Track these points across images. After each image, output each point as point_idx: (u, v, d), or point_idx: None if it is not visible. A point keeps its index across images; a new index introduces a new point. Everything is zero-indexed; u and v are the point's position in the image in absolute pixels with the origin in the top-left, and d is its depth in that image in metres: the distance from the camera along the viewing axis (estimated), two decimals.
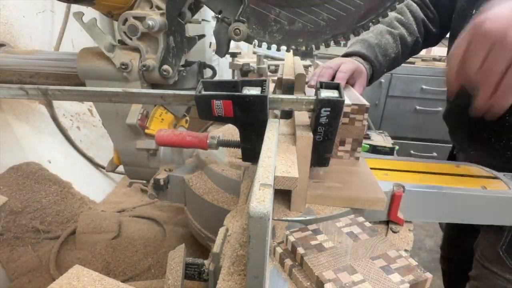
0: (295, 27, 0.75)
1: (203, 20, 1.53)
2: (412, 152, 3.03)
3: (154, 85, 1.00)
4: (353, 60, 0.97)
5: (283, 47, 0.81)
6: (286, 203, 0.66)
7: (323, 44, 0.78)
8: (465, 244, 1.17)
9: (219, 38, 0.83)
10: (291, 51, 0.85)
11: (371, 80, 1.07)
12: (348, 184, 0.70)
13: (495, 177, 0.84)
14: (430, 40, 1.18)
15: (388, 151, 1.25)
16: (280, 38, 0.77)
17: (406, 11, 1.12)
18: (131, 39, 0.91)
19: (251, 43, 0.82)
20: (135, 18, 0.88)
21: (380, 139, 1.43)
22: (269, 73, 1.70)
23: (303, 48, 0.78)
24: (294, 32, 0.76)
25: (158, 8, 0.89)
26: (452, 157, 1.22)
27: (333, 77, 0.92)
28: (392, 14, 1.10)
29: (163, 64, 0.91)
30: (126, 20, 0.89)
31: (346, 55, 1.03)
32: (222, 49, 0.84)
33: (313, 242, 0.52)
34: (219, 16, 0.80)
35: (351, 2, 0.70)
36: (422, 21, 1.13)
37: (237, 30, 0.76)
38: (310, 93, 0.93)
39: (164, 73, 0.92)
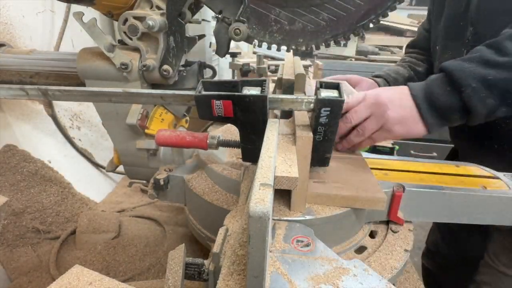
0: (295, 27, 0.75)
1: (203, 20, 1.53)
2: (412, 152, 3.02)
3: (154, 85, 1.00)
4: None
5: (283, 47, 0.81)
6: (286, 203, 0.66)
7: (323, 44, 0.78)
8: (456, 242, 1.19)
9: (219, 38, 0.83)
10: (291, 51, 0.85)
11: None
12: (348, 184, 0.70)
13: (495, 177, 0.84)
14: None
15: (388, 151, 1.24)
16: (281, 38, 0.77)
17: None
18: (131, 39, 0.91)
19: (251, 43, 0.82)
20: (135, 18, 0.88)
21: None
22: (269, 73, 1.70)
23: (303, 48, 0.78)
24: (295, 32, 0.76)
25: (158, 8, 0.89)
26: (454, 154, 1.23)
27: None
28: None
29: (163, 64, 0.91)
30: (126, 20, 0.89)
31: None
32: (222, 49, 0.85)
33: None
34: (219, 16, 0.80)
35: (351, 2, 0.70)
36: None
37: (237, 30, 0.76)
38: (310, 93, 0.93)
39: (164, 73, 0.92)
